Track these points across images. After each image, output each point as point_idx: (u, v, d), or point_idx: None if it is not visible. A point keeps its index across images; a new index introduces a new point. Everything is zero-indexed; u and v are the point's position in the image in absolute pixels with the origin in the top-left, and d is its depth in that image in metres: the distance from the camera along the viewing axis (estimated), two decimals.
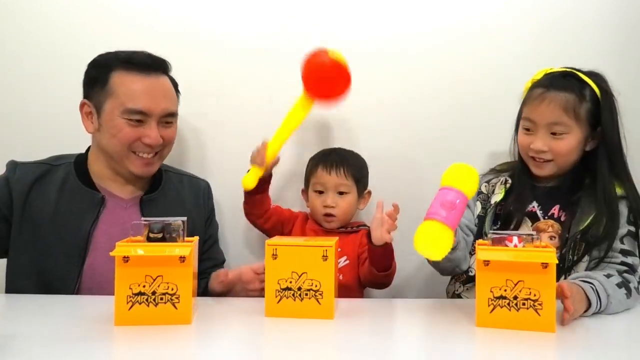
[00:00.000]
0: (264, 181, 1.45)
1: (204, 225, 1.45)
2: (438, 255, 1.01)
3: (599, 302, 1.10)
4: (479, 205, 1.38)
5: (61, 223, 1.28)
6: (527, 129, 1.30)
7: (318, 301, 1.06)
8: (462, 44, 1.63)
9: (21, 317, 1.04)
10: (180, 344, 0.92)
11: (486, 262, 1.01)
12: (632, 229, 1.25)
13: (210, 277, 1.39)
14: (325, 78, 1.37)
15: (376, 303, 1.25)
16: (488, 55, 1.63)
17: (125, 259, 0.99)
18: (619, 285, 1.16)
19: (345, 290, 1.32)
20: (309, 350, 0.91)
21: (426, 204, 1.12)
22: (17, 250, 1.29)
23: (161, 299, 0.99)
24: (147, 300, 0.99)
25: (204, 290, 1.37)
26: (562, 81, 1.26)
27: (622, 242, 1.23)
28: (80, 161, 1.37)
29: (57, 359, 0.84)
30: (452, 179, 1.07)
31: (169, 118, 1.34)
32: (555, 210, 1.31)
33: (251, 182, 1.39)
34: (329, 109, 1.50)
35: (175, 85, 1.39)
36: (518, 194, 1.32)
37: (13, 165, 1.33)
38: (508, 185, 1.36)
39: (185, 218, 1.06)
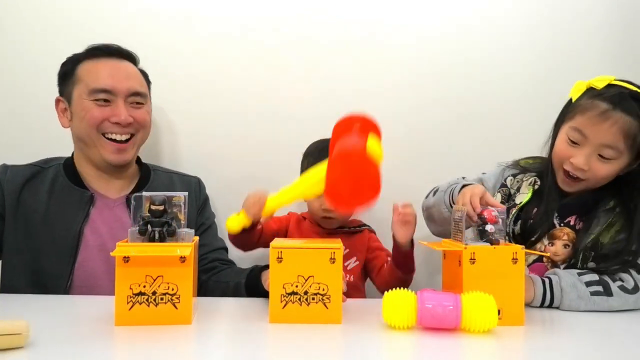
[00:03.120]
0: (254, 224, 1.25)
1: (196, 215, 1.47)
2: (389, 321, 0.98)
3: (548, 295, 1.11)
4: (498, 197, 1.29)
5: (52, 222, 1.31)
6: (573, 141, 1.18)
7: (325, 305, 1.02)
8: (463, 45, 1.64)
9: (20, 317, 1.03)
10: (180, 344, 0.92)
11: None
12: None
13: (205, 265, 1.40)
14: (352, 185, 1.07)
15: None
16: (490, 56, 1.64)
17: (126, 259, 0.98)
18: (589, 283, 1.11)
19: (354, 290, 1.34)
20: (315, 356, 0.89)
21: None
22: (10, 250, 1.31)
23: (161, 299, 0.99)
24: (147, 300, 0.99)
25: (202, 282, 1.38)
26: (630, 103, 1.14)
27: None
28: (69, 162, 1.40)
29: (57, 359, 0.83)
30: (472, 304, 0.95)
31: (137, 98, 1.37)
32: (572, 218, 1.24)
33: (236, 227, 1.20)
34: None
35: (144, 75, 1.42)
36: (546, 208, 1.24)
37: (4, 168, 1.37)
38: (537, 187, 1.27)
39: (186, 193, 1.06)
